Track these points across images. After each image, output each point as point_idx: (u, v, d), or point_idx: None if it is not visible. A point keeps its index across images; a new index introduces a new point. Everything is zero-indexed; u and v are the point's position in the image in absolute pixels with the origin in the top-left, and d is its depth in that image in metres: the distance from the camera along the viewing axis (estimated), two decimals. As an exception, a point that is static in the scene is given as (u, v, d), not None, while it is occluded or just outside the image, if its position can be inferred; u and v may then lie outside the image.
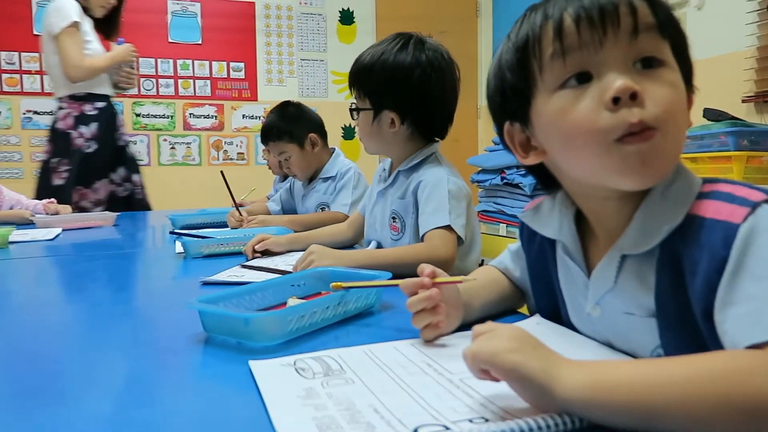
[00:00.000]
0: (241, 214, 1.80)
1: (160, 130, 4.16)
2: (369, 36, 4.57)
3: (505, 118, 0.65)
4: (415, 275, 0.70)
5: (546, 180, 0.67)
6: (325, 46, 4.50)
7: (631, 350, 0.59)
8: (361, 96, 1.24)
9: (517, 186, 2.99)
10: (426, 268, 0.67)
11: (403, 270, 0.92)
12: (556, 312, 0.71)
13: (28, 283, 1.25)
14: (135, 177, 2.69)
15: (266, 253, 1.33)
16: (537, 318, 0.73)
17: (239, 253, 1.35)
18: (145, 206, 2.72)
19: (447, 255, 1.07)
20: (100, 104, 2.53)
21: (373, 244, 1.32)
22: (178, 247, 1.41)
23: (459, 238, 1.13)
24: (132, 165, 2.69)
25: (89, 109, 2.48)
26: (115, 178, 2.59)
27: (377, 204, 1.34)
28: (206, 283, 1.03)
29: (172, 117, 4.16)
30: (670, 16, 0.57)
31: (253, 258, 1.30)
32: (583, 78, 0.55)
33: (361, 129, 1.27)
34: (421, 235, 1.14)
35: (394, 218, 1.26)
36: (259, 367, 0.59)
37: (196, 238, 1.38)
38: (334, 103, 4.38)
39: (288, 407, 0.49)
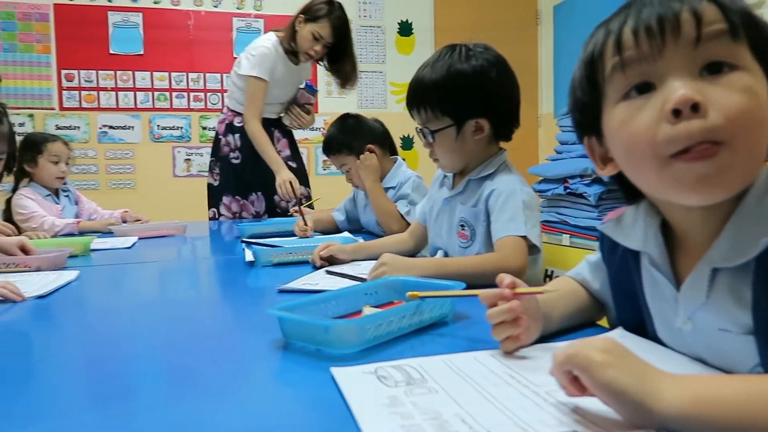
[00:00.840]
0: (306, 224, 1.84)
1: (225, 142, 4.30)
2: (427, 47, 4.58)
3: (584, 132, 0.65)
4: (488, 285, 0.69)
5: (628, 190, 0.65)
6: (384, 58, 4.55)
7: (726, 367, 0.57)
8: (438, 115, 1.19)
9: (580, 196, 2.92)
10: (505, 279, 0.66)
11: (475, 279, 0.91)
12: (640, 325, 0.68)
13: (109, 289, 1.31)
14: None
15: (332, 261, 1.35)
16: (620, 331, 0.71)
17: (307, 262, 1.38)
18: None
19: (519, 264, 1.06)
20: None
21: (440, 253, 1.32)
22: (249, 256, 1.45)
23: (532, 247, 1.12)
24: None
25: (238, 120, 2.54)
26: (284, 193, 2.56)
27: (443, 212, 1.33)
28: (282, 291, 1.06)
29: (236, 129, 4.29)
30: (746, 15, 0.54)
31: (321, 266, 1.32)
32: (646, 88, 0.54)
33: (442, 149, 1.22)
34: (494, 241, 1.13)
35: (462, 226, 1.26)
36: (341, 374, 0.60)
37: (266, 247, 1.42)
38: (392, 114, 4.41)
39: (374, 414, 0.50)
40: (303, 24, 2.37)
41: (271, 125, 2.56)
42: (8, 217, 2.36)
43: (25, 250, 1.42)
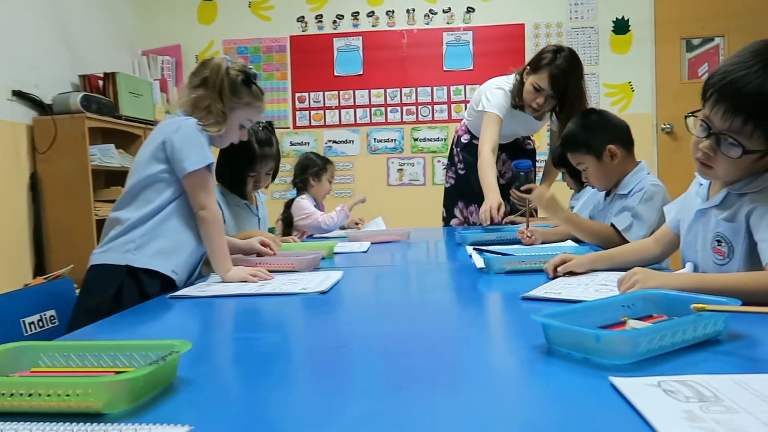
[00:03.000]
0: (527, 230, 1.86)
1: (435, 152, 4.47)
2: (646, 44, 4.27)
3: None
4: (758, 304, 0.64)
5: None
6: (597, 59, 4.34)
7: None
8: (757, 137, 1.02)
9: None
10: None
11: (744, 299, 0.84)
12: None
13: (368, 288, 1.45)
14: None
15: (569, 272, 1.33)
16: None
17: (539, 271, 1.39)
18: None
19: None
20: (476, 141, 2.59)
21: (689, 266, 1.23)
22: (478, 262, 1.50)
23: None
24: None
25: (465, 138, 2.71)
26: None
27: (696, 223, 1.23)
28: (525, 298, 1.09)
29: (444, 140, 4.44)
30: None
31: (555, 277, 1.32)
32: None
33: (725, 162, 1.07)
34: (765, 263, 1.01)
35: (719, 241, 1.15)
36: (623, 384, 0.60)
37: (498, 255, 1.46)
38: (606, 117, 4.18)
39: (676, 427, 0.50)
40: (527, 75, 2.33)
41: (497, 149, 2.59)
42: (287, 216, 2.87)
43: (266, 245, 1.70)
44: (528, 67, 2.35)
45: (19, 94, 3.07)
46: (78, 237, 3.11)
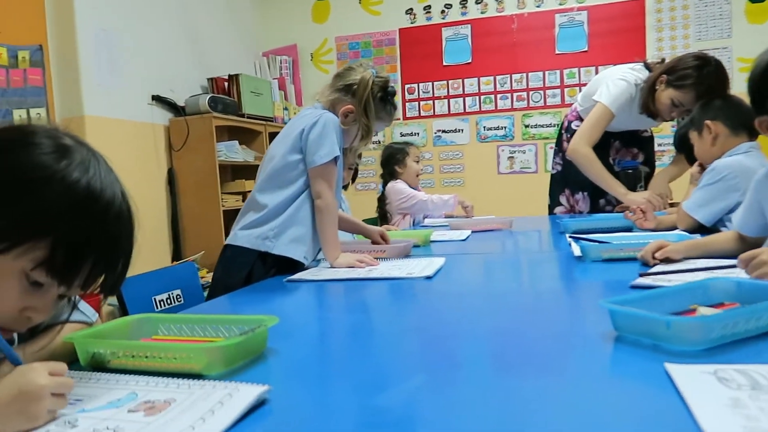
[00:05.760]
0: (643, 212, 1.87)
1: (547, 138, 4.35)
2: (789, 10, 3.84)
3: None
4: None
5: None
6: (730, 31, 3.98)
7: None
8: None
9: None
10: None
11: None
12: None
13: (464, 275, 1.48)
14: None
15: (666, 260, 1.29)
16: None
17: (635, 259, 1.35)
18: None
19: None
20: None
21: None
22: (576, 251, 1.49)
23: None
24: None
25: (576, 123, 2.58)
26: (610, 197, 2.49)
27: None
28: (634, 287, 1.07)
29: (557, 126, 4.31)
30: None
31: (654, 264, 1.28)
32: None
33: None
34: None
35: None
36: (676, 370, 0.61)
37: (594, 243, 1.44)
38: (741, 96, 3.83)
39: (714, 413, 0.50)
40: (664, 86, 2.15)
41: (610, 137, 2.49)
42: (382, 211, 2.92)
43: (384, 239, 1.80)
44: (665, 76, 2.14)
45: (157, 99, 3.45)
46: (208, 226, 3.45)
